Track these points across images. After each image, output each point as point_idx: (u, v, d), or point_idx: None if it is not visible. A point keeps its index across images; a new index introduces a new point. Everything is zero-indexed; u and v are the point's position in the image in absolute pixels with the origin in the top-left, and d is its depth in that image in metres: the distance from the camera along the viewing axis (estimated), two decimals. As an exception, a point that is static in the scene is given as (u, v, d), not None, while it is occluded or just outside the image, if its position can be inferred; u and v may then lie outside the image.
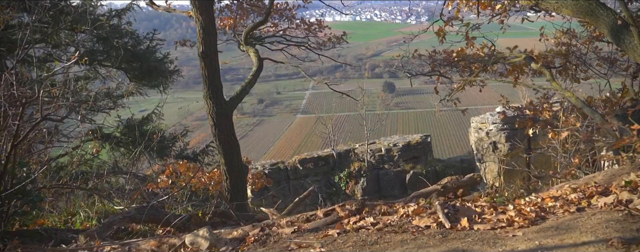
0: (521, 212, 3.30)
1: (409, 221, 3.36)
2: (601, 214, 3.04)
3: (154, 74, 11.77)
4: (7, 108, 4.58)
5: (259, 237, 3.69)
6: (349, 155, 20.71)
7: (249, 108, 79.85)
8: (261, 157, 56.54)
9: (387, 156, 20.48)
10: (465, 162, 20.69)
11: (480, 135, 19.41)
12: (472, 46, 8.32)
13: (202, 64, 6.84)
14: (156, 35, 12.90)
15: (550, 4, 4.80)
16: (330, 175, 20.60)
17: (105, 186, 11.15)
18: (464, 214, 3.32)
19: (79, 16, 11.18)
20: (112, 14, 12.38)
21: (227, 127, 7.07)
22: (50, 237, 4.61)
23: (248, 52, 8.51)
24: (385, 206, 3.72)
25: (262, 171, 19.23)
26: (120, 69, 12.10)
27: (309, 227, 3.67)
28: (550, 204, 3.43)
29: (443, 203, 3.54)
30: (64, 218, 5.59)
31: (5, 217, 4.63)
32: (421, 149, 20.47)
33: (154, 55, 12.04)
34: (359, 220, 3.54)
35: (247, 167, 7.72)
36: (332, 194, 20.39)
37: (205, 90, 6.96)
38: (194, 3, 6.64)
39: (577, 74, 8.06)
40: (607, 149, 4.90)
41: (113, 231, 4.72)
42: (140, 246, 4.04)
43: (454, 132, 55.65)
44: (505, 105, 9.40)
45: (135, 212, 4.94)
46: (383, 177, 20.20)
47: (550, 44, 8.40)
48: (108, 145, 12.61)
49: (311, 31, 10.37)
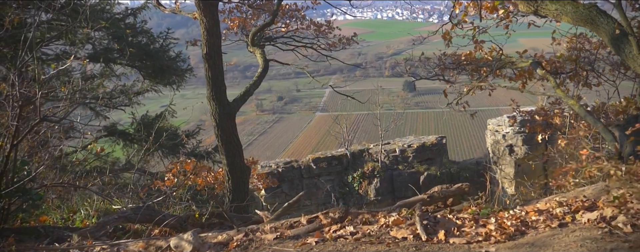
0: (502, 225, 3.24)
1: (387, 231, 3.34)
2: (581, 231, 2.97)
3: (166, 73, 11.94)
4: (7, 108, 4.71)
5: (242, 243, 3.72)
6: (362, 155, 20.65)
7: (269, 105, 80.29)
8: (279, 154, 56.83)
9: (401, 156, 20.36)
10: (480, 165, 20.41)
11: (497, 137, 19.13)
12: (480, 50, 8.20)
13: (206, 65, 6.91)
14: (171, 34, 13.09)
15: (550, 10, 4.71)
16: (343, 175, 20.57)
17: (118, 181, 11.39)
18: (443, 227, 3.28)
19: (95, 14, 11.39)
20: (127, 13, 12.59)
21: (229, 128, 7.13)
22: (47, 235, 4.73)
23: (254, 53, 8.56)
24: (368, 215, 3.70)
25: (275, 168, 19.34)
26: (134, 67, 12.31)
27: (291, 234, 3.68)
28: (534, 218, 3.36)
29: (423, 214, 3.50)
30: (66, 216, 5.72)
31: (5, 215, 4.77)
32: (436, 151, 20.28)
33: (167, 53, 12.21)
34: (339, 229, 3.53)
35: (250, 168, 7.76)
36: (345, 194, 20.38)
37: (209, 92, 7.02)
38: (198, 5, 6.70)
39: (588, 80, 7.86)
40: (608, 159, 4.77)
41: (107, 230, 4.81)
42: (129, 246, 4.12)
43: (473, 133, 54.92)
44: (515, 109, 9.24)
45: (130, 212, 5.03)
46: (397, 178, 20.09)
47: (562, 48, 8.22)
48: (122, 142, 12.84)
49: (321, 32, 10.35)
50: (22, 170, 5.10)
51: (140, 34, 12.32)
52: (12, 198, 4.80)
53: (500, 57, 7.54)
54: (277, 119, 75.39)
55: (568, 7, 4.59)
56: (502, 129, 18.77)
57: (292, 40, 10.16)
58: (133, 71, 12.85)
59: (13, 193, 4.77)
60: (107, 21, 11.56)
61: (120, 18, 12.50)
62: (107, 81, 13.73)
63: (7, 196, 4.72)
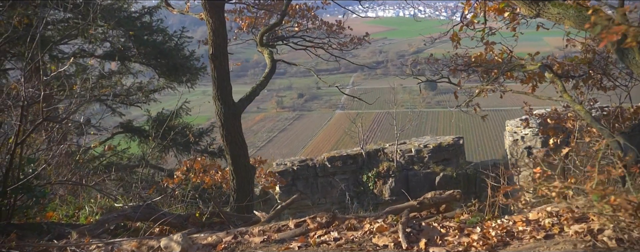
0: (485, 235, 3.19)
1: (370, 238, 3.33)
2: (565, 244, 2.90)
3: (180, 71, 12.10)
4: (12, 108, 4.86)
5: (229, 245, 3.76)
6: (378, 154, 20.56)
7: (289, 102, 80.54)
8: (299, 151, 56.97)
9: (417, 156, 20.19)
10: (497, 168, 20.06)
11: (515, 139, 18.80)
12: (491, 51, 8.07)
13: (212, 65, 6.98)
14: (187, 32, 13.25)
15: (552, 14, 4.59)
16: (358, 174, 20.51)
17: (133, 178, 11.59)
18: (427, 235, 3.25)
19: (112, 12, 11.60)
20: (143, 11, 12.78)
21: (234, 128, 7.20)
22: (49, 232, 4.86)
23: (263, 54, 8.60)
24: (354, 221, 3.69)
25: (290, 167, 19.42)
26: (149, 65, 12.51)
27: (278, 237, 3.70)
28: (521, 228, 3.30)
29: (408, 222, 3.48)
30: (71, 213, 5.86)
31: (11, 211, 4.93)
32: (452, 151, 20.04)
33: (182, 52, 12.36)
34: (324, 234, 3.53)
35: (255, 167, 7.82)
36: (360, 193, 20.33)
37: (214, 92, 7.10)
38: (204, 6, 6.77)
39: (602, 83, 7.66)
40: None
41: (105, 228, 4.91)
42: (123, 245, 4.20)
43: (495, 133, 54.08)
44: (527, 112, 9.06)
45: (130, 211, 5.13)
46: (412, 179, 19.96)
47: (577, 50, 8.02)
48: (137, 138, 13.08)
49: (332, 32, 10.35)
50: (29, 167, 5.26)
51: (155, 33, 12.50)
52: (18, 195, 4.95)
53: (510, 59, 7.41)
54: (297, 116, 75.58)
55: (570, 10, 4.47)
56: (521, 131, 18.44)
57: (303, 40, 10.18)
58: (149, 69, 13.06)
59: (18, 190, 4.92)
60: (123, 20, 11.78)
61: (136, 16, 12.70)
62: (124, 78, 14.01)
63: (13, 192, 4.86)
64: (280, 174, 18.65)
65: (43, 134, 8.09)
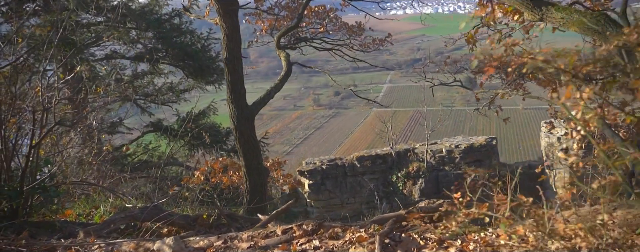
0: (463, 249, 3.14)
1: (348, 248, 3.33)
2: (541, 260, 2.82)
3: (206, 72, 12.38)
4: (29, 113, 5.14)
5: (217, 249, 3.85)
6: (408, 155, 20.33)
7: (325, 100, 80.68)
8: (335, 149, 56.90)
9: (448, 157, 19.85)
10: (532, 169, 19.47)
11: (551, 140, 18.14)
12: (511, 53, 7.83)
13: (226, 69, 7.11)
14: (213, 34, 13.54)
15: (556, 19, 4.44)
16: (387, 174, 20.35)
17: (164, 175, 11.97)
18: (404, 247, 3.22)
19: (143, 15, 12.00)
20: (173, 14, 13.15)
21: (247, 131, 7.32)
22: (61, 230, 5.11)
23: (279, 56, 8.69)
24: (339, 229, 3.71)
25: (319, 165, 19.49)
26: (177, 66, 12.87)
27: (263, 244, 3.76)
28: (503, 242, 3.22)
29: (389, 232, 3.45)
30: (86, 211, 6.13)
31: (27, 210, 5.23)
32: (485, 152, 19.58)
33: (207, 54, 12.64)
34: (306, 242, 3.57)
35: (268, 169, 7.92)
36: (389, 193, 20.16)
37: (228, 95, 7.23)
38: (218, 11, 6.91)
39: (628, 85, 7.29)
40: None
41: (113, 228, 5.12)
42: (122, 246, 4.38)
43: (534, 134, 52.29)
44: (552, 115, 8.75)
45: (137, 211, 5.32)
46: (442, 180, 19.62)
47: (602, 51, 7.67)
48: (165, 137, 13.49)
49: (353, 33, 10.33)
50: (46, 167, 5.56)
51: (184, 34, 12.84)
52: (34, 195, 5.24)
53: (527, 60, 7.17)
54: (333, 114, 75.61)
55: (575, 15, 4.30)
56: (557, 132, 17.79)
57: (324, 41, 10.21)
58: (177, 70, 13.44)
59: (34, 190, 5.21)
60: (153, 22, 12.16)
61: (166, 19, 13.09)
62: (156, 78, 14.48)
63: (29, 192, 5.16)
64: (310, 173, 18.76)
65: (70, 134, 8.48)
